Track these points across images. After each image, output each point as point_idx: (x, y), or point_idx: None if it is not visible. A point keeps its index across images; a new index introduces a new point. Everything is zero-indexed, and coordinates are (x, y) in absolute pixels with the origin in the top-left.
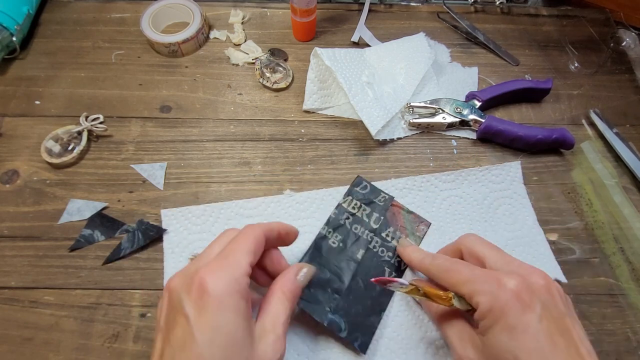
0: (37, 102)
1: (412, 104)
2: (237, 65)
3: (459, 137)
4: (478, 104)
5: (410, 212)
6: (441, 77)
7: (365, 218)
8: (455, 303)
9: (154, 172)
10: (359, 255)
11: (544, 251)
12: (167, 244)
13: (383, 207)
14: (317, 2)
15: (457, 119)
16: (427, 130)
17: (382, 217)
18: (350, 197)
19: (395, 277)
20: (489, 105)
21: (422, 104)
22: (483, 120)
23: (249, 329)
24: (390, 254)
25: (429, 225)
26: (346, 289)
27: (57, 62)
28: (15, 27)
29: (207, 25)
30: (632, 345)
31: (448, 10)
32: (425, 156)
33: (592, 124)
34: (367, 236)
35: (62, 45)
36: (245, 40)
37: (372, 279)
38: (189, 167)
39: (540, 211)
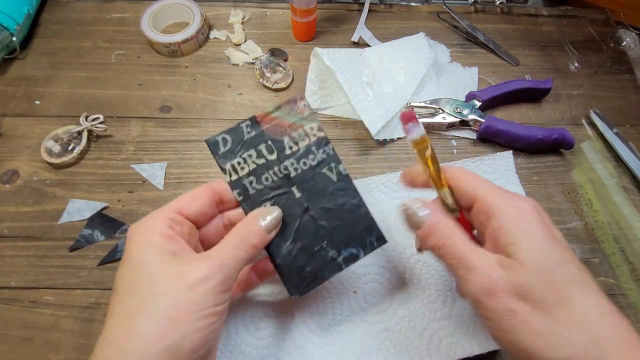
0: (37, 102)
1: (412, 104)
2: (237, 65)
3: (459, 137)
4: (478, 104)
5: (279, 106)
6: (441, 77)
7: (259, 161)
8: (447, 194)
9: (154, 172)
10: (297, 193)
11: None
12: None
13: (257, 134)
14: (317, 2)
15: (457, 119)
16: (427, 130)
17: (268, 141)
18: (228, 166)
19: (335, 167)
20: (489, 105)
21: (422, 104)
22: (483, 120)
23: (162, 258)
24: (311, 158)
25: (302, 96)
26: (324, 227)
27: (57, 62)
28: (15, 27)
29: (207, 25)
30: None
31: (448, 10)
32: None
33: (592, 124)
34: (280, 172)
35: (62, 45)
36: (245, 40)
37: (400, 116)
38: (189, 167)
39: None
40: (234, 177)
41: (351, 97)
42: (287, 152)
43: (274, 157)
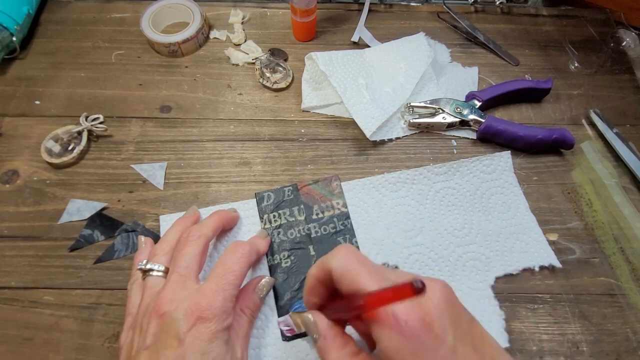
0: (37, 102)
1: (412, 104)
2: (237, 65)
3: (459, 137)
4: (478, 104)
5: (317, 181)
6: (441, 77)
7: (290, 218)
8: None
9: (154, 172)
10: (312, 251)
11: (537, 237)
12: None
13: (294, 197)
14: (317, 2)
15: (457, 119)
16: (427, 130)
17: (301, 205)
18: (265, 216)
19: (349, 238)
20: (489, 105)
21: (422, 104)
22: (483, 120)
23: (229, 351)
24: (331, 226)
25: (336, 177)
26: None
27: (57, 62)
28: (15, 27)
29: (207, 25)
30: (632, 345)
31: (448, 10)
32: (425, 156)
33: (592, 124)
34: (304, 231)
35: (62, 45)
36: (245, 40)
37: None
38: (189, 167)
39: (541, 211)
40: (267, 225)
41: (345, 101)
42: (314, 217)
43: (302, 218)
